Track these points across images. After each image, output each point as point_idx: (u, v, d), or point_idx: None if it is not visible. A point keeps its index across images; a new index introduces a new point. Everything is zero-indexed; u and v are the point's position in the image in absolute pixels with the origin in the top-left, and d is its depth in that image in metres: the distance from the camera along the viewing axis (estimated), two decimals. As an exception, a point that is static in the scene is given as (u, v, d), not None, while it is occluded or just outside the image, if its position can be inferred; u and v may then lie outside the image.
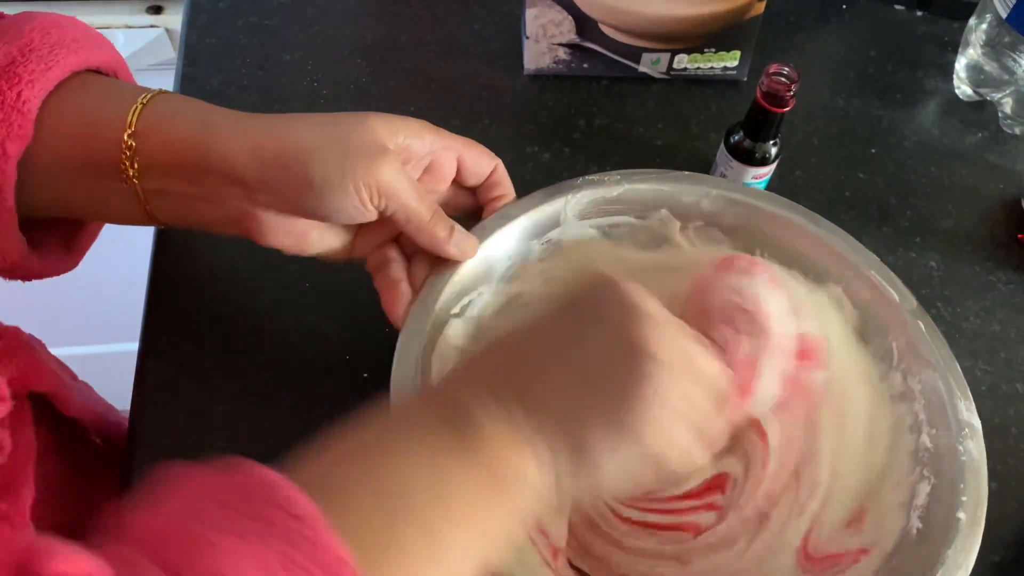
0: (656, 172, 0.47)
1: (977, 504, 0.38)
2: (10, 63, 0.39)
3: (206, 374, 0.49)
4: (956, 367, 0.42)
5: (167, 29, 0.97)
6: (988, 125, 0.63)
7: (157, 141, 0.39)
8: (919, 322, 0.43)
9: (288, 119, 0.40)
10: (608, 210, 0.47)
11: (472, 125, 0.60)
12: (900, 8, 0.69)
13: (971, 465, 0.39)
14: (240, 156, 0.39)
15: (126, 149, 0.39)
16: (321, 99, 0.61)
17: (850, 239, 0.46)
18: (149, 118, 0.40)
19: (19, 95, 0.38)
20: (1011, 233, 0.58)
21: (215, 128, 0.39)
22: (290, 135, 0.39)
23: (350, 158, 0.38)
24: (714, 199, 0.47)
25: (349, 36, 0.65)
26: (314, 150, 0.38)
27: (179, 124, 0.40)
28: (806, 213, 0.47)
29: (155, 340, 0.50)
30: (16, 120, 0.38)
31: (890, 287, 0.44)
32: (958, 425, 0.40)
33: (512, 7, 0.66)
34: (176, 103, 0.41)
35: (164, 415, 0.48)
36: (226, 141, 0.39)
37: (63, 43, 0.41)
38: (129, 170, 0.40)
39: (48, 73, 0.39)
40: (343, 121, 0.40)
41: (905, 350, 0.44)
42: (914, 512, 0.39)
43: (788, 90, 0.49)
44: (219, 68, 0.62)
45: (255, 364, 0.49)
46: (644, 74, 0.63)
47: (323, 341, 0.50)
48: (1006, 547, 0.46)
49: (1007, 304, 0.54)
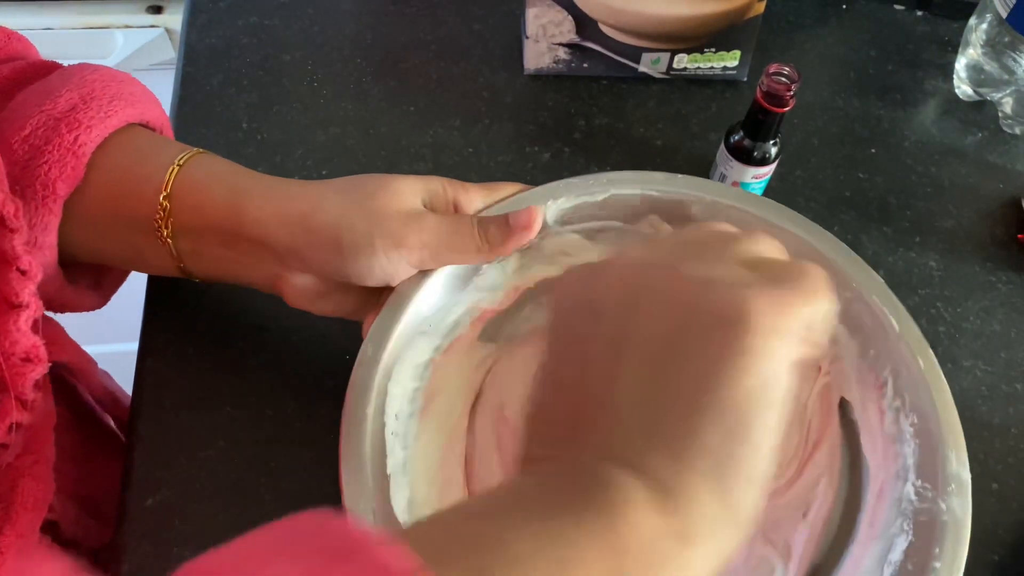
0: (643, 175, 0.46)
1: (951, 571, 0.36)
2: (71, 109, 0.41)
3: (206, 374, 0.49)
4: (952, 410, 0.39)
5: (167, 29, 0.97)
6: (988, 125, 0.63)
7: (191, 204, 0.41)
8: (919, 358, 0.40)
9: (317, 185, 0.41)
10: (592, 215, 0.46)
11: (472, 125, 0.60)
12: (900, 8, 0.69)
13: (952, 526, 0.36)
14: (271, 222, 0.40)
15: (160, 210, 0.41)
16: (321, 99, 0.61)
17: (853, 256, 0.43)
18: (184, 180, 0.41)
19: (76, 139, 0.40)
20: (1011, 233, 0.58)
21: (247, 194, 0.40)
22: (319, 200, 0.40)
23: (377, 221, 0.39)
24: (707, 205, 0.45)
25: (349, 36, 0.65)
26: (341, 215, 0.39)
27: (213, 188, 0.41)
28: (805, 223, 0.45)
29: (155, 340, 0.50)
30: (70, 162, 0.40)
31: (891, 315, 0.41)
32: (945, 479, 0.37)
33: (512, 7, 0.66)
34: (211, 165, 0.42)
35: (164, 415, 0.48)
36: (258, 208, 0.40)
37: (122, 96, 0.43)
38: (164, 230, 0.41)
39: (106, 121, 0.41)
40: (369, 184, 0.41)
41: (900, 388, 0.41)
42: (887, 568, 0.38)
43: (788, 90, 0.49)
44: (219, 68, 0.62)
45: (255, 364, 0.49)
46: (644, 74, 0.63)
47: (323, 341, 0.50)
48: (1006, 547, 0.46)
49: (1007, 304, 0.54)
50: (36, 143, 0.40)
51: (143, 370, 0.49)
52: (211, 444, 0.47)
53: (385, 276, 0.41)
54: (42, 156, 0.40)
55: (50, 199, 0.40)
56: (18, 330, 0.37)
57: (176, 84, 0.61)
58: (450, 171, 0.58)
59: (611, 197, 0.45)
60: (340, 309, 0.44)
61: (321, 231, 0.39)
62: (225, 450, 0.46)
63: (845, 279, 0.43)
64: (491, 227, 0.42)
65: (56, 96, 0.41)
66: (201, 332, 0.50)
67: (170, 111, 0.60)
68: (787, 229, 0.44)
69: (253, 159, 0.58)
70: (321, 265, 0.40)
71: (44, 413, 0.42)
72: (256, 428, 0.47)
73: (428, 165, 0.58)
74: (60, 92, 0.42)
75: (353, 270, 0.40)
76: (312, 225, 0.39)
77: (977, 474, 0.48)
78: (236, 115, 0.60)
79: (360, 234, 0.39)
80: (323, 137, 0.59)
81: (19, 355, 0.37)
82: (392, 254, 0.39)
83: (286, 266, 0.41)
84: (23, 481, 0.40)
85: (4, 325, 0.37)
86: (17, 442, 0.39)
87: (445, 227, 0.41)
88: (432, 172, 0.57)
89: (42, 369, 0.39)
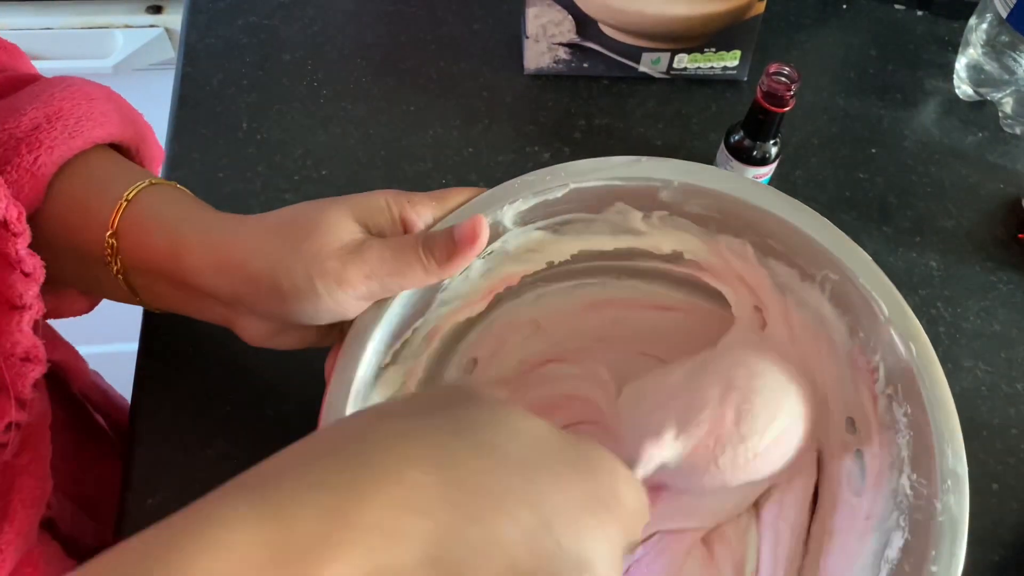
0: (601, 162, 0.42)
1: (949, 571, 0.34)
2: (34, 128, 0.40)
3: (206, 374, 0.49)
4: (949, 402, 0.37)
5: (167, 29, 0.97)
6: (988, 125, 0.63)
7: (134, 244, 0.39)
8: (912, 344, 0.38)
9: (254, 228, 0.39)
10: (555, 211, 0.43)
11: (472, 125, 0.60)
12: (900, 8, 0.69)
13: (949, 526, 0.35)
14: (208, 272, 0.38)
15: (108, 247, 0.40)
16: (321, 99, 0.61)
17: (839, 234, 0.41)
18: (130, 219, 0.40)
19: (36, 159, 0.39)
20: (1011, 233, 0.58)
21: (185, 243, 0.39)
22: (254, 246, 0.38)
23: (315, 262, 0.37)
24: (676, 191, 0.42)
25: (349, 36, 0.65)
26: (277, 261, 0.37)
27: (153, 233, 0.39)
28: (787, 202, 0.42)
29: (155, 340, 0.50)
30: (28, 183, 0.39)
31: (880, 299, 0.39)
32: (942, 476, 0.36)
33: (512, 7, 0.66)
34: (157, 204, 0.40)
35: (164, 415, 0.48)
36: (197, 257, 0.38)
37: (91, 115, 0.42)
38: (113, 265, 0.40)
39: (69, 143, 0.40)
40: (302, 221, 0.38)
41: (893, 375, 0.39)
42: (884, 565, 0.37)
43: (788, 90, 0.49)
44: (219, 68, 0.62)
45: (255, 364, 0.49)
46: (644, 74, 0.63)
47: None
48: (1006, 547, 0.46)
49: (1007, 304, 0.54)
50: None
51: (143, 370, 0.49)
52: (211, 444, 0.47)
53: (336, 315, 0.38)
54: (0, 176, 0.38)
55: None
56: (20, 331, 0.37)
57: (176, 84, 0.61)
58: (450, 171, 0.58)
59: (571, 191, 0.42)
60: (302, 342, 0.42)
61: (260, 280, 0.37)
62: (225, 450, 0.46)
63: (828, 259, 0.40)
64: (436, 245, 0.38)
65: (20, 114, 0.40)
66: (201, 332, 0.50)
67: (170, 111, 0.60)
68: (764, 209, 0.42)
69: (253, 159, 0.58)
70: (268, 311, 0.39)
71: (40, 412, 0.42)
72: (256, 428, 0.47)
73: (428, 165, 0.58)
74: (25, 110, 0.40)
75: (300, 314, 0.38)
76: (250, 274, 0.37)
77: (977, 474, 0.48)
78: (236, 115, 0.60)
79: (300, 278, 0.37)
80: (323, 137, 0.59)
81: (19, 355, 0.37)
82: (337, 294, 0.37)
83: (234, 311, 0.40)
84: (21, 479, 0.40)
85: (6, 326, 0.37)
86: (15, 441, 0.39)
87: (388, 253, 0.38)
88: (432, 172, 0.58)
89: (41, 369, 0.38)
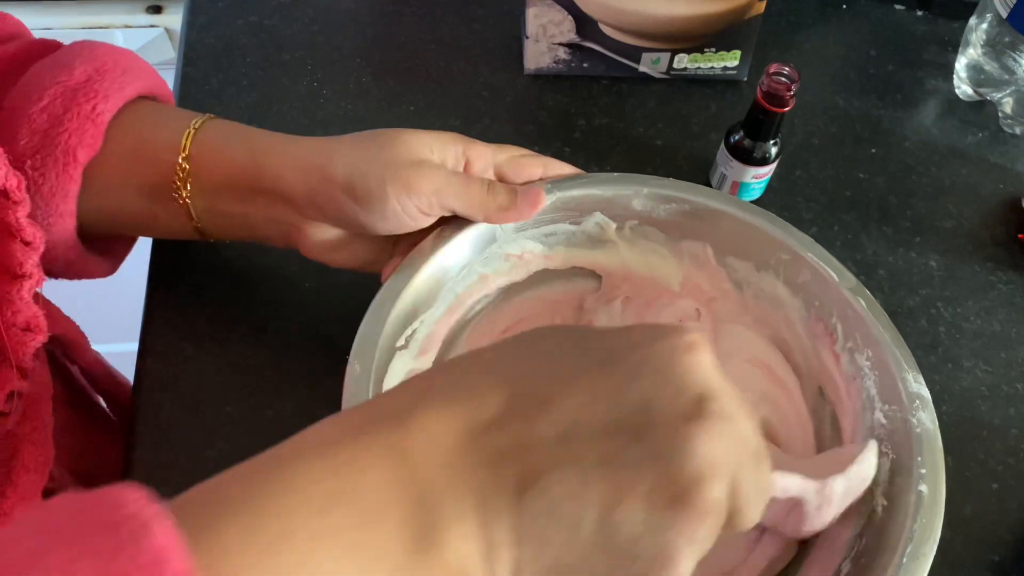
0: (587, 176, 0.48)
1: (935, 475, 0.38)
2: (87, 80, 0.43)
3: (206, 374, 0.49)
4: (901, 340, 0.42)
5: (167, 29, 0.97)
6: (988, 125, 0.63)
7: (209, 164, 0.43)
8: (859, 299, 0.44)
9: (330, 139, 0.43)
10: (542, 220, 0.47)
11: (472, 125, 0.60)
12: (900, 8, 0.69)
13: (926, 436, 0.39)
14: (289, 174, 0.42)
15: (179, 171, 0.43)
16: (321, 99, 0.61)
17: (784, 224, 0.46)
18: (201, 142, 0.43)
19: (94, 108, 0.42)
20: (1011, 233, 0.58)
21: (265, 150, 0.43)
22: (334, 152, 0.42)
23: (389, 169, 0.41)
24: (646, 198, 0.47)
25: (349, 36, 0.65)
26: (355, 165, 0.41)
27: (231, 147, 0.43)
28: (737, 203, 0.47)
29: (155, 340, 0.50)
30: (90, 130, 0.42)
31: (827, 267, 0.45)
32: (909, 398, 0.40)
33: (512, 7, 0.66)
34: (226, 127, 0.45)
35: (164, 415, 0.48)
36: (277, 162, 0.42)
37: (132, 69, 0.45)
38: (183, 191, 0.43)
39: (121, 92, 0.44)
40: (380, 137, 0.43)
41: (850, 329, 0.44)
42: (877, 489, 0.40)
43: (788, 90, 0.49)
44: (219, 68, 0.62)
45: (255, 364, 0.49)
46: (644, 74, 0.63)
47: (324, 341, 0.50)
48: (1006, 547, 0.46)
49: (1007, 304, 0.54)
50: (55, 112, 0.42)
51: (143, 370, 0.49)
52: (211, 444, 0.47)
53: (398, 222, 0.42)
54: (61, 125, 0.41)
55: (71, 166, 0.41)
56: (21, 300, 0.38)
57: (176, 84, 0.61)
58: (450, 171, 0.58)
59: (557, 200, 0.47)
60: (355, 260, 0.46)
61: (337, 180, 0.41)
62: (225, 450, 0.46)
63: (782, 243, 0.46)
64: (500, 192, 0.44)
65: (71, 68, 0.43)
66: (201, 332, 0.50)
67: (170, 111, 0.61)
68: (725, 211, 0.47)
69: (253, 159, 0.58)
70: (337, 213, 0.42)
71: (42, 383, 0.44)
72: (256, 428, 0.47)
73: (428, 165, 0.58)
74: (74, 65, 0.43)
75: (367, 217, 0.42)
76: (328, 174, 0.41)
77: (977, 474, 0.48)
78: (236, 115, 0.59)
79: (374, 182, 0.41)
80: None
81: (20, 325, 0.39)
82: (403, 199, 0.41)
83: (303, 217, 0.43)
84: (23, 447, 0.41)
85: (7, 295, 0.38)
86: (17, 410, 0.40)
87: (457, 178, 0.43)
88: (432, 172, 0.58)
89: (42, 338, 0.40)
